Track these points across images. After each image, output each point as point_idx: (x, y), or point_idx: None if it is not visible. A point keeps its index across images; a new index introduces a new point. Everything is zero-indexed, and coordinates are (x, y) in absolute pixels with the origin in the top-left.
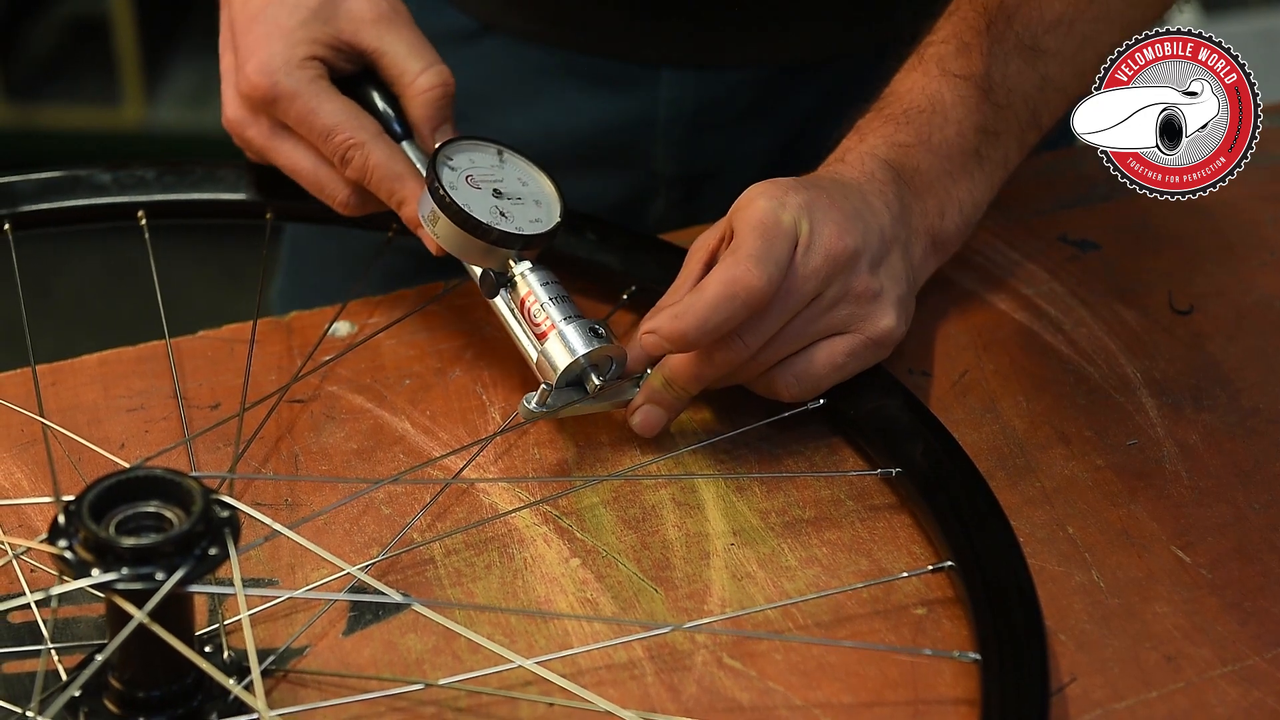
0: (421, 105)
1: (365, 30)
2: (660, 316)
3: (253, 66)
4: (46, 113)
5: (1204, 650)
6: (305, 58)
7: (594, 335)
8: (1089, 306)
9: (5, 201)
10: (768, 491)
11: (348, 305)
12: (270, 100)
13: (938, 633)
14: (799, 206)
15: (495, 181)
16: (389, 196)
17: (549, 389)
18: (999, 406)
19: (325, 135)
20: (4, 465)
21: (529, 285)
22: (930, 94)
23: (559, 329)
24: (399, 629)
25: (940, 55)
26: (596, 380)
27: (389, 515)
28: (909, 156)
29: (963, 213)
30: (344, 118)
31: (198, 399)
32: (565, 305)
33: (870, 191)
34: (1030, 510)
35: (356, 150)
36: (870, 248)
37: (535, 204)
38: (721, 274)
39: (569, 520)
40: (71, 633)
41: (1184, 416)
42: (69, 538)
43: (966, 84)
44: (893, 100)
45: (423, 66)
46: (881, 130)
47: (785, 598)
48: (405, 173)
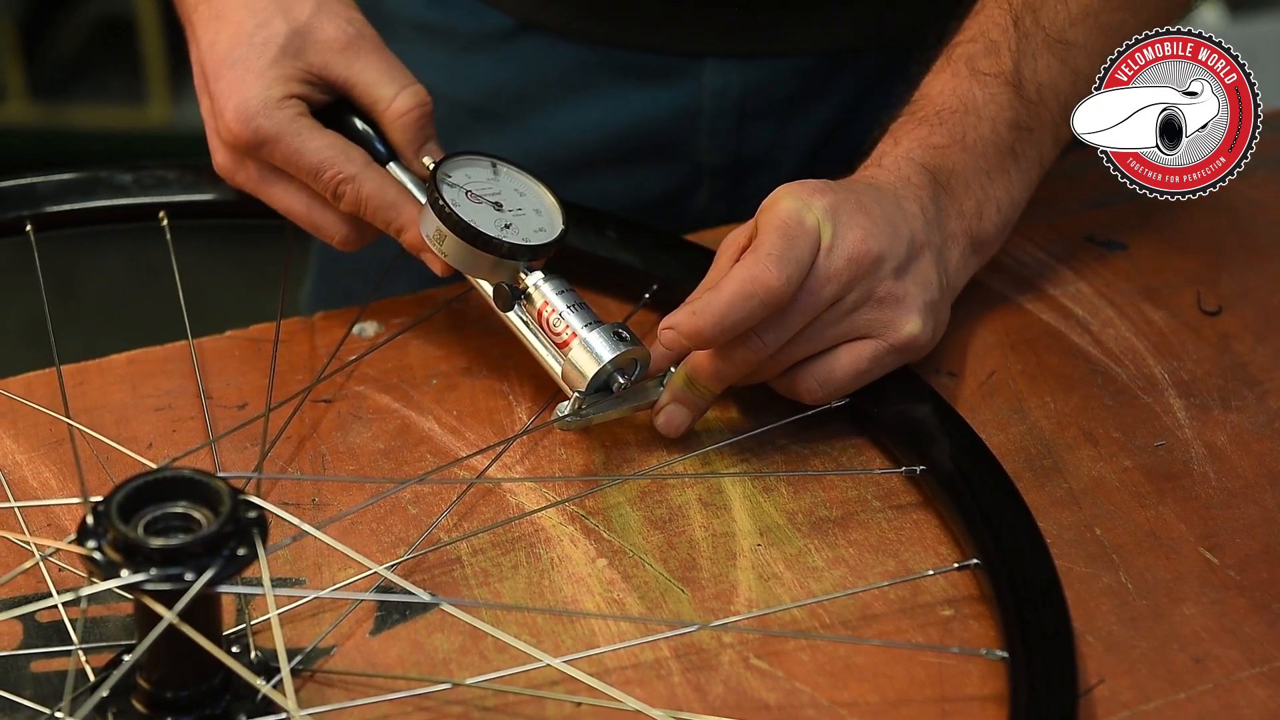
0: (400, 130)
1: (334, 61)
2: (679, 313)
3: (231, 113)
4: (73, 112)
5: (1232, 652)
6: (282, 97)
7: (618, 340)
8: (1116, 307)
9: (27, 202)
10: (794, 491)
11: (374, 305)
12: (254, 145)
13: (965, 632)
14: (824, 209)
15: (494, 195)
16: (387, 225)
17: (581, 396)
18: (1026, 407)
19: (314, 173)
20: (33, 465)
21: (545, 296)
22: (961, 94)
23: (582, 337)
24: (426, 629)
25: (969, 54)
26: (621, 380)
27: (415, 515)
28: (944, 158)
29: (1000, 211)
30: (331, 153)
31: (224, 398)
32: (584, 312)
33: (905, 195)
34: (1058, 511)
35: (347, 184)
36: (896, 253)
37: (536, 213)
38: (740, 272)
39: (595, 520)
40: (99, 632)
41: (1212, 417)
42: (98, 538)
43: (997, 82)
44: (924, 102)
45: (395, 90)
46: (915, 133)
47: (812, 598)
48: (399, 200)
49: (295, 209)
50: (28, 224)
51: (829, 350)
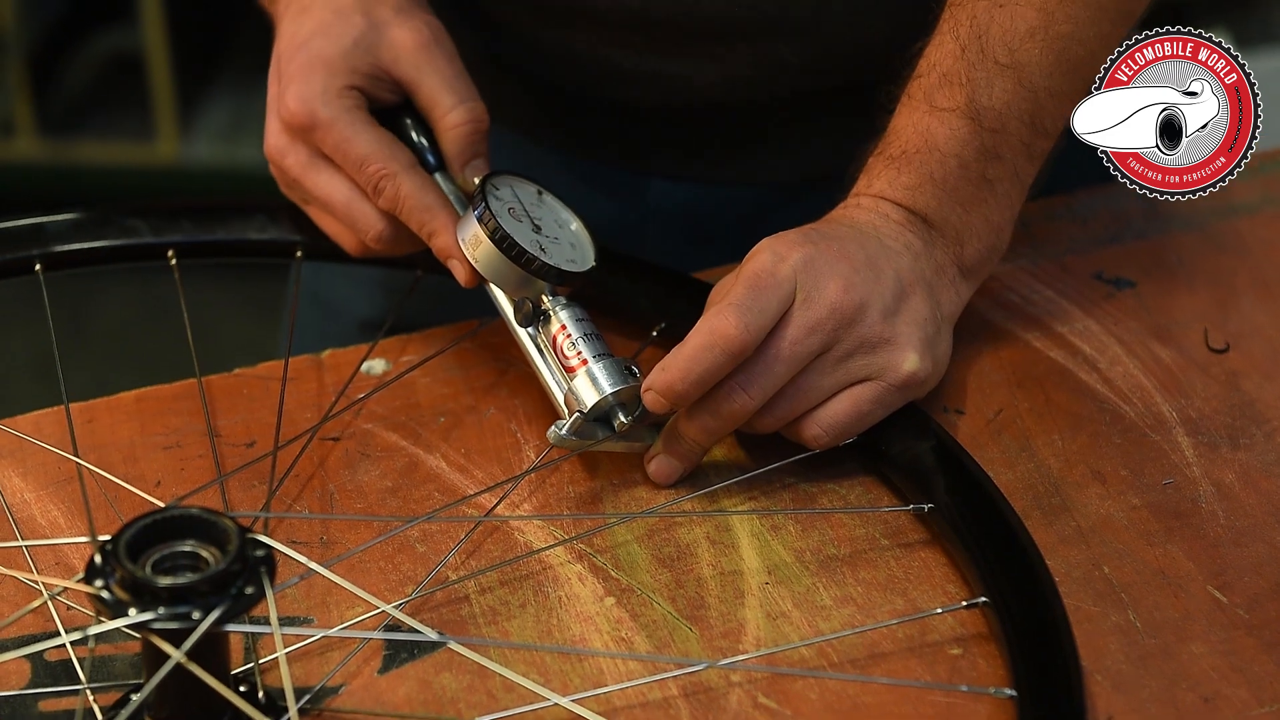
0: (452, 140)
1: (404, 60)
2: (652, 372)
3: (292, 94)
4: (81, 148)
5: (1241, 691)
6: (344, 87)
7: (626, 374)
8: (1124, 344)
9: (36, 242)
10: (802, 529)
11: (383, 343)
12: (308, 128)
13: (973, 671)
14: (801, 261)
15: (536, 217)
16: (420, 227)
17: (581, 416)
18: (1034, 445)
19: (359, 164)
20: (41, 504)
21: (562, 320)
22: (922, 131)
23: (590, 365)
24: (434, 667)
25: (926, 89)
26: (624, 418)
27: (423, 553)
28: (917, 197)
29: (982, 238)
30: (378, 148)
31: (233, 436)
32: (598, 343)
33: (886, 233)
34: (1066, 549)
35: (389, 180)
36: (881, 296)
37: (570, 246)
38: (702, 324)
39: (603, 558)
40: (107, 671)
41: (1220, 455)
42: (105, 577)
43: (955, 116)
44: (892, 139)
45: (455, 101)
46: (885, 174)
47: (820, 636)
48: (436, 204)
49: (336, 199)
50: (37, 264)
51: (831, 397)
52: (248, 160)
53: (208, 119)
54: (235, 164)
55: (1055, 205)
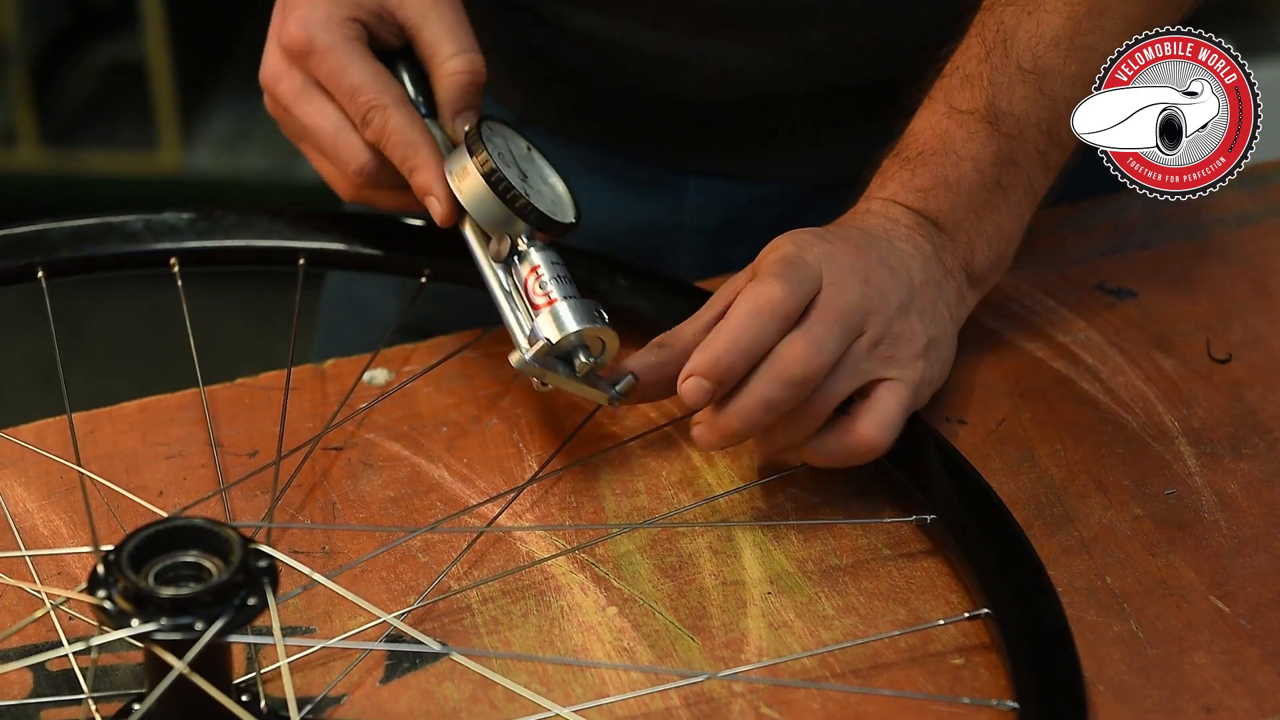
0: (448, 88)
1: (410, 3)
2: (693, 356)
3: (295, 19)
4: (84, 158)
5: (1243, 701)
6: (347, 18)
7: (593, 315)
8: (1126, 355)
9: (38, 249)
10: (804, 539)
11: (386, 352)
12: (305, 53)
13: (975, 682)
14: (822, 252)
15: (523, 169)
16: (402, 161)
17: (549, 343)
18: (1036, 455)
19: (351, 94)
20: (44, 513)
21: (537, 260)
22: (940, 133)
23: (558, 304)
24: (436, 677)
25: (947, 90)
26: (584, 359)
27: (425, 563)
28: (930, 201)
29: (992, 246)
30: (372, 79)
31: (235, 446)
32: (569, 285)
33: (896, 236)
34: (1068, 560)
35: (378, 112)
36: (898, 293)
37: (553, 201)
38: (743, 298)
39: (605, 568)
40: (109, 681)
41: (1222, 465)
42: (108, 588)
43: (973, 119)
44: (909, 141)
45: (456, 50)
46: (899, 176)
47: (822, 646)
48: (421, 141)
49: (323, 128)
50: (39, 270)
51: (870, 394)
52: (250, 170)
53: (210, 128)
54: (238, 173)
55: (1057, 215)
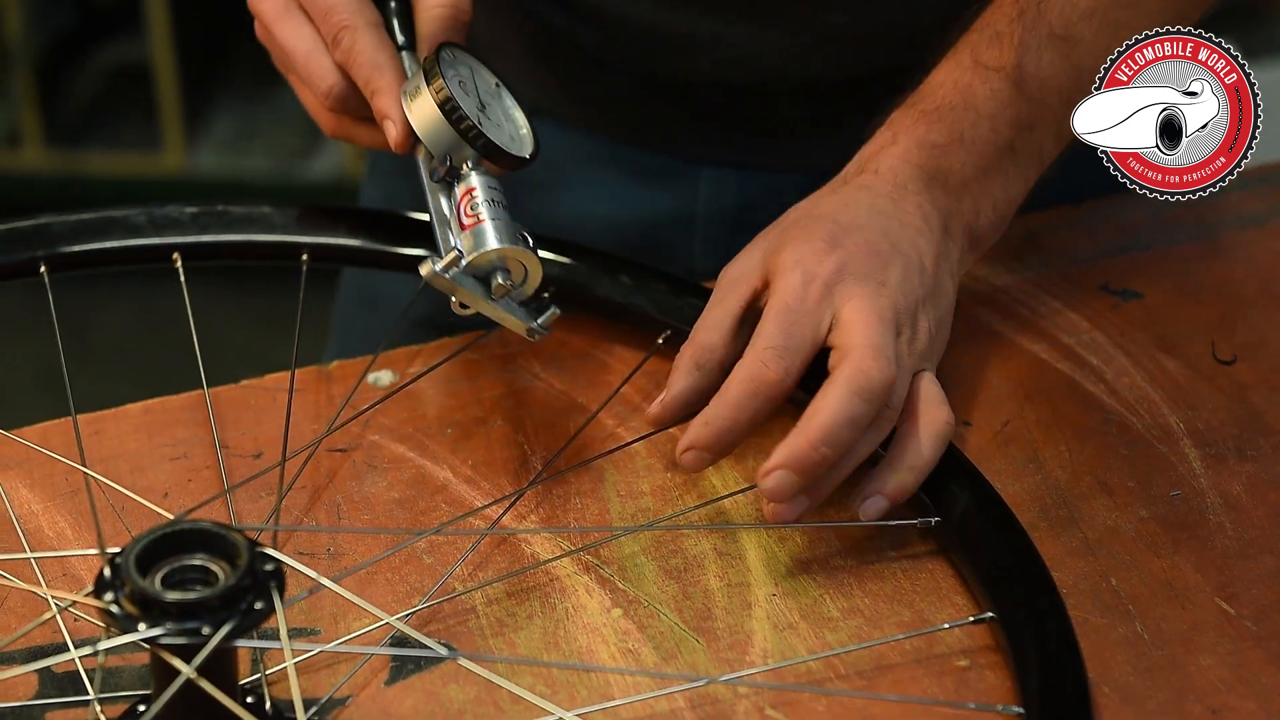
0: (428, 21)
1: None
2: (691, 427)
3: None
4: (88, 159)
5: (1249, 703)
6: None
7: (518, 238)
8: (1131, 356)
9: (40, 243)
10: (809, 541)
11: (391, 353)
12: None
13: (980, 685)
14: (832, 274)
15: (484, 101)
16: (365, 83)
17: (458, 254)
18: (1041, 457)
19: (325, 13)
20: (49, 515)
21: (474, 183)
22: (962, 88)
23: (484, 223)
24: (441, 679)
25: (973, 44)
26: (501, 281)
27: (431, 564)
28: (942, 158)
29: (996, 209)
30: (348, 0)
31: (240, 448)
32: (501, 210)
33: (904, 207)
34: (1073, 561)
35: (348, 33)
36: (915, 291)
37: (510, 138)
38: (741, 371)
39: (610, 570)
40: (115, 682)
41: (1227, 467)
42: (115, 591)
43: (998, 76)
44: (927, 94)
45: None
46: (914, 130)
47: (827, 649)
48: (387, 65)
49: (298, 49)
50: (41, 265)
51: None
52: (254, 171)
53: (214, 130)
54: (241, 175)
55: (1061, 216)
